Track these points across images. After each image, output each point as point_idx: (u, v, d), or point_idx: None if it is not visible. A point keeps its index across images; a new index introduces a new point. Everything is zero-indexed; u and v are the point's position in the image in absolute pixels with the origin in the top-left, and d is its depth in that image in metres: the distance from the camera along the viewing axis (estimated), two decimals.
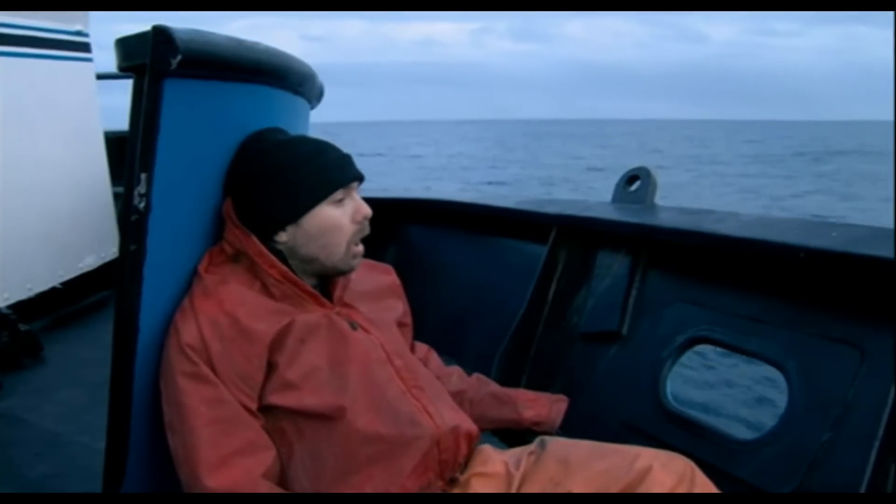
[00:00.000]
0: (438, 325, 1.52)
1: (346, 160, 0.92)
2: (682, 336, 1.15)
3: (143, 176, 0.76)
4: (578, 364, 1.30)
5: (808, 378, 0.96)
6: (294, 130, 1.00)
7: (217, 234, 0.93)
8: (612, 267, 1.33)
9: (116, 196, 2.19)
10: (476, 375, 1.17)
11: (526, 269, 1.44)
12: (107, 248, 2.16)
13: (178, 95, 0.77)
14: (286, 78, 1.03)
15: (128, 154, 0.76)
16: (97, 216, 2.12)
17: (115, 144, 2.20)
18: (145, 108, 0.74)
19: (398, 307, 1.07)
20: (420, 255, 1.73)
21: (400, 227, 1.78)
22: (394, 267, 1.13)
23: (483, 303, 1.55)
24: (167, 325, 0.85)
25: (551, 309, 1.39)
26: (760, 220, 1.20)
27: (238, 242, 0.89)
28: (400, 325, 1.05)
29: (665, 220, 1.27)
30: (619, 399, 1.19)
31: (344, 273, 0.95)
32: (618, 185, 1.47)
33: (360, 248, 0.94)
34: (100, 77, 2.19)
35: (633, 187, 1.45)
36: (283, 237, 0.90)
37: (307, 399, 0.84)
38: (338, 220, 0.90)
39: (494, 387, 1.14)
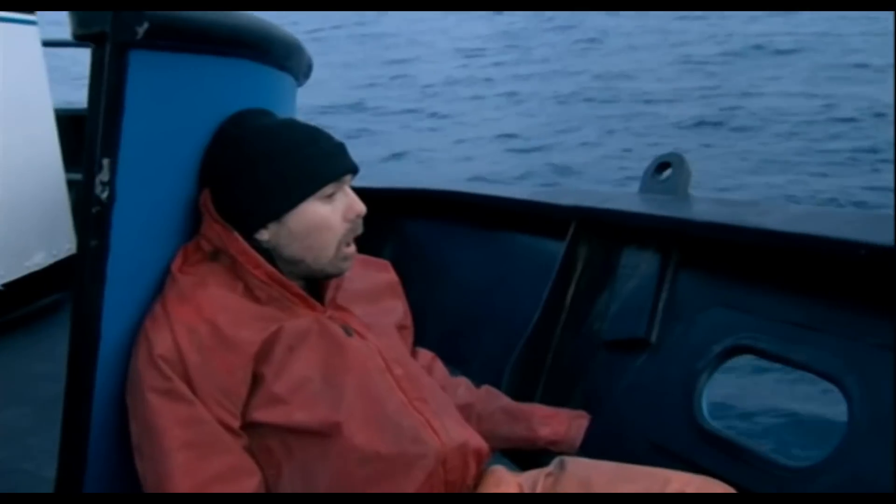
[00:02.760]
0: (441, 330, 1.54)
1: (338, 149, 0.94)
2: (720, 345, 1.16)
3: (105, 161, 0.77)
4: (601, 376, 1.33)
5: (870, 395, 0.95)
6: (279, 111, 1.03)
7: (192, 228, 0.96)
8: (639, 266, 1.35)
9: (71, 184, 2.19)
10: (485, 388, 1.20)
11: (541, 268, 1.46)
12: (59, 243, 2.17)
13: (145, 69, 0.78)
14: (270, 51, 1.05)
15: (87, 136, 0.77)
16: (48, 207, 2.11)
17: (69, 124, 2.19)
18: (107, 84, 0.75)
19: (397, 308, 1.10)
20: (421, 253, 1.75)
21: (398, 221, 1.80)
22: (390, 263, 1.16)
23: (492, 306, 1.57)
24: (135, 334, 0.88)
25: (570, 313, 1.41)
26: (812, 213, 1.21)
27: (217, 239, 0.92)
28: (399, 328, 1.08)
29: (700, 212, 1.29)
30: (648, 416, 1.22)
31: (334, 276, 0.97)
32: (646, 174, 1.49)
33: (352, 248, 0.97)
34: (46, 45, 2.15)
35: (664, 176, 1.46)
36: (264, 235, 0.92)
37: (297, 414, 0.87)
38: (327, 218, 0.92)
39: (506, 401, 1.18)
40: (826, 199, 5.19)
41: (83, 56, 0.87)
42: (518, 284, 1.54)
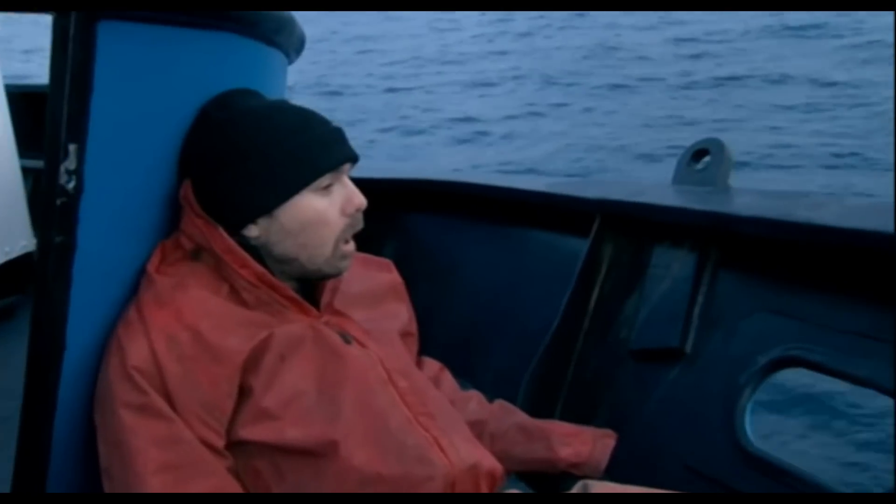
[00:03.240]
0: (450, 338, 1.56)
1: (335, 135, 0.96)
2: (766, 356, 1.17)
3: (72, 147, 0.77)
4: (629, 390, 1.33)
5: None
6: (269, 91, 1.05)
7: (171, 224, 0.98)
8: (671, 266, 1.36)
9: (26, 171, 2.19)
10: (499, 402, 1.22)
11: (561, 268, 1.47)
12: (13, 240, 2.16)
13: (116, 42, 0.79)
14: (258, 23, 1.06)
15: (49, 118, 0.77)
16: None
17: (23, 103, 2.19)
18: (73, 59, 0.75)
19: (401, 313, 1.12)
20: (427, 251, 1.76)
21: (401, 215, 1.81)
22: (392, 262, 1.18)
23: (506, 311, 1.58)
24: (105, 342, 0.90)
25: (594, 319, 1.42)
26: (872, 206, 1.20)
27: (200, 235, 0.93)
28: (403, 335, 1.10)
29: (743, 205, 1.30)
30: (683, 435, 1.22)
31: (331, 277, 0.99)
32: (680, 162, 1.49)
33: (351, 246, 0.98)
34: None
35: (701, 164, 1.46)
36: (253, 231, 0.94)
37: (289, 431, 0.89)
38: (323, 212, 0.94)
39: (522, 417, 1.19)
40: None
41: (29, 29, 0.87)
42: (536, 287, 1.55)
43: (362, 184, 1.00)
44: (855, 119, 6.21)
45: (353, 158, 0.97)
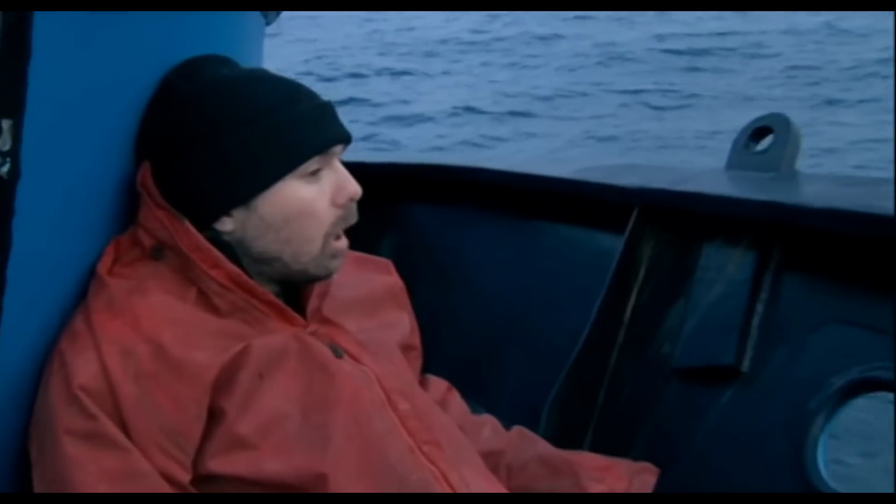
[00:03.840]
0: (458, 352, 1.56)
1: (324, 112, 0.96)
2: (842, 378, 1.15)
3: (5, 124, 0.77)
4: (673, 416, 1.33)
5: None
6: (243, 59, 1.05)
7: (126, 216, 0.98)
8: (725, 268, 1.35)
9: None
10: (517, 429, 1.22)
11: (591, 270, 1.47)
12: None
13: None
14: None
15: None
16: None
17: None
18: (4, 15, 0.74)
19: (402, 322, 1.12)
20: (431, 249, 1.76)
21: (401, 206, 1.81)
22: (391, 262, 1.18)
23: (525, 321, 1.58)
24: (45, 357, 0.89)
25: (630, 331, 1.41)
26: None
27: (161, 230, 0.93)
28: (405, 349, 1.10)
29: (812, 195, 1.29)
30: (739, 470, 1.22)
31: (319, 279, 0.99)
32: (736, 143, 1.48)
33: (343, 243, 0.98)
34: None
35: (762, 145, 1.45)
36: (227, 225, 0.94)
37: (269, 463, 0.89)
38: (311, 202, 0.94)
39: (545, 447, 1.19)
40: None
41: None
42: (560, 292, 1.55)
43: (355, 169, 1.00)
44: None
45: (346, 139, 0.97)
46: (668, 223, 1.43)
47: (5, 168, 0.78)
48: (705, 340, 1.33)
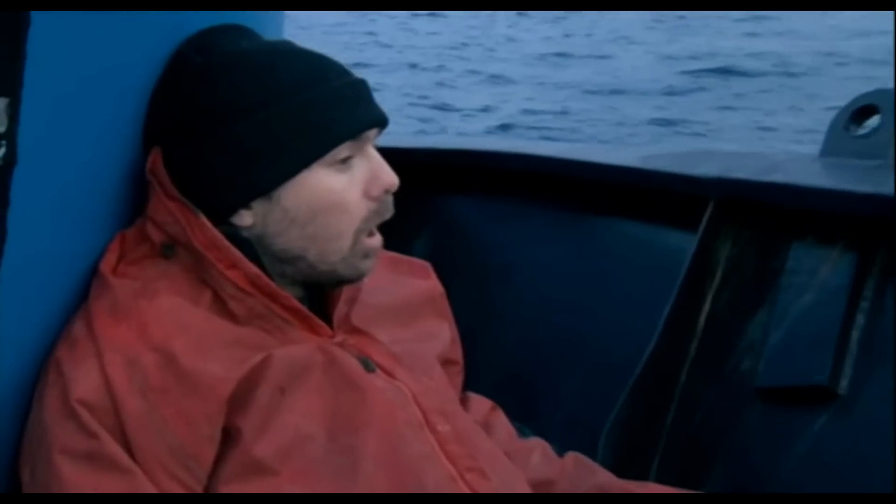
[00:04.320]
0: (504, 367, 1.56)
1: (358, 91, 0.96)
2: None
3: (0, 103, 0.78)
4: (755, 443, 1.32)
5: None
6: (263, 29, 1.05)
7: (133, 208, 0.99)
8: (817, 272, 1.34)
9: None
10: (572, 455, 1.21)
11: (659, 273, 1.46)
12: None
13: None
14: None
15: None
16: None
17: None
18: None
19: (441, 333, 1.12)
20: (473, 248, 1.76)
21: (439, 198, 1.81)
22: (429, 262, 1.18)
23: (582, 331, 1.58)
24: (39, 367, 0.90)
25: (704, 344, 1.41)
26: None
27: (173, 224, 0.94)
28: (445, 363, 1.10)
29: None
30: None
31: (348, 282, 0.99)
32: (834, 125, 1.46)
33: (377, 240, 0.99)
34: None
35: (866, 128, 1.44)
36: (245, 219, 0.95)
37: (290, 490, 0.89)
38: (341, 193, 0.94)
39: (604, 477, 1.18)
40: None
41: None
42: (623, 298, 1.55)
43: (388, 155, 1.00)
44: None
45: (381, 122, 0.97)
46: (749, 219, 1.42)
47: (0, 153, 0.79)
48: (794, 356, 1.32)
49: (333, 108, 0.94)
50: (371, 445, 0.92)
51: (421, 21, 12.40)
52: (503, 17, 12.20)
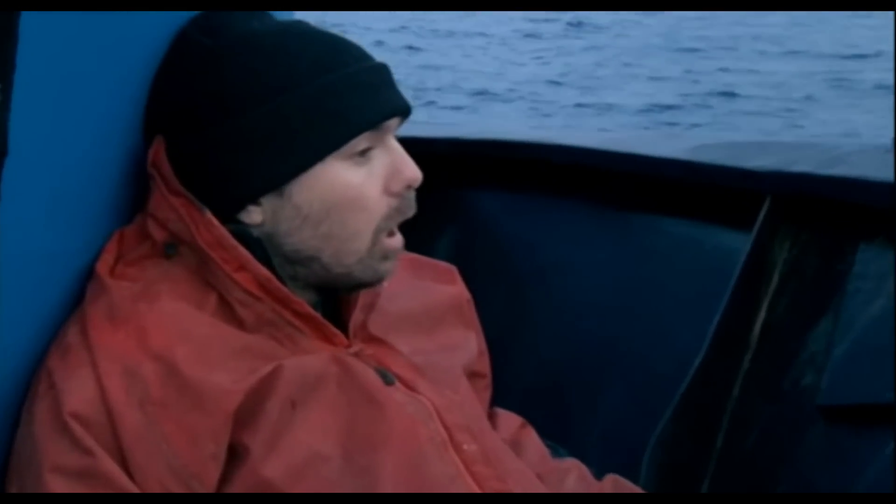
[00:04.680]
0: (535, 379, 1.56)
1: (378, 76, 0.96)
2: None
3: None
4: (817, 467, 1.31)
5: None
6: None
7: (133, 204, 1.00)
8: (888, 277, 1.33)
9: None
10: (611, 478, 1.21)
11: (709, 277, 1.46)
12: None
13: None
14: None
15: None
16: None
17: None
18: None
19: (468, 343, 1.13)
20: (502, 249, 1.76)
21: (465, 193, 1.81)
22: (454, 265, 1.19)
23: (623, 340, 1.58)
24: (30, 377, 0.91)
25: (759, 356, 1.40)
26: None
27: (176, 221, 0.95)
28: (471, 375, 1.11)
29: None
30: None
31: (366, 286, 1.00)
32: None
33: (397, 241, 0.99)
34: None
35: None
36: (254, 216, 0.95)
37: None
38: (358, 188, 0.95)
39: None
40: None
41: None
42: (668, 304, 1.54)
43: (409, 146, 1.01)
44: None
45: (404, 111, 0.98)
46: (810, 217, 1.42)
47: None
48: (861, 371, 1.31)
49: (352, 95, 0.94)
50: (390, 466, 0.93)
51: None
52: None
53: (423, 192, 1.01)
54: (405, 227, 1.01)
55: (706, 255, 1.52)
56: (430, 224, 1.28)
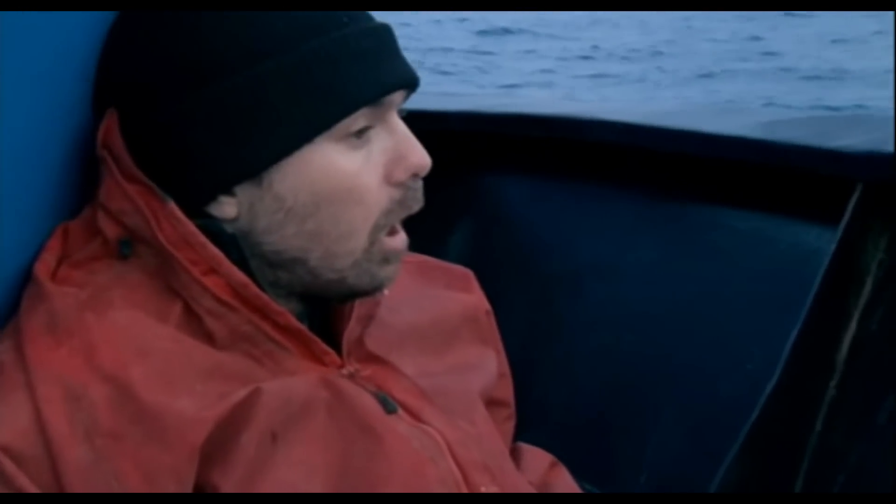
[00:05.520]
0: (568, 406, 1.58)
1: (379, 39, 0.97)
2: None
3: None
4: None
5: None
6: None
7: (78, 193, 1.02)
8: None
9: None
10: None
11: (784, 281, 1.48)
12: None
13: None
14: None
15: None
16: None
17: None
18: None
19: (486, 363, 1.14)
20: (527, 246, 1.78)
21: (482, 180, 1.83)
22: (469, 268, 1.20)
23: (678, 358, 1.59)
24: None
25: (847, 380, 1.42)
26: None
27: (132, 214, 0.96)
28: (490, 403, 1.12)
29: None
30: None
31: (362, 295, 1.02)
32: None
33: (400, 240, 1.01)
34: None
35: None
36: (227, 209, 0.97)
37: None
38: (353, 177, 0.96)
39: None
40: None
41: None
42: (733, 316, 1.56)
43: (415, 122, 1.01)
44: None
45: (411, 83, 0.99)
46: None
47: None
48: None
49: (347, 63, 0.95)
50: None
51: None
52: None
53: (432, 179, 1.02)
54: (411, 223, 1.02)
55: (781, 256, 1.54)
56: (440, 218, 1.29)
